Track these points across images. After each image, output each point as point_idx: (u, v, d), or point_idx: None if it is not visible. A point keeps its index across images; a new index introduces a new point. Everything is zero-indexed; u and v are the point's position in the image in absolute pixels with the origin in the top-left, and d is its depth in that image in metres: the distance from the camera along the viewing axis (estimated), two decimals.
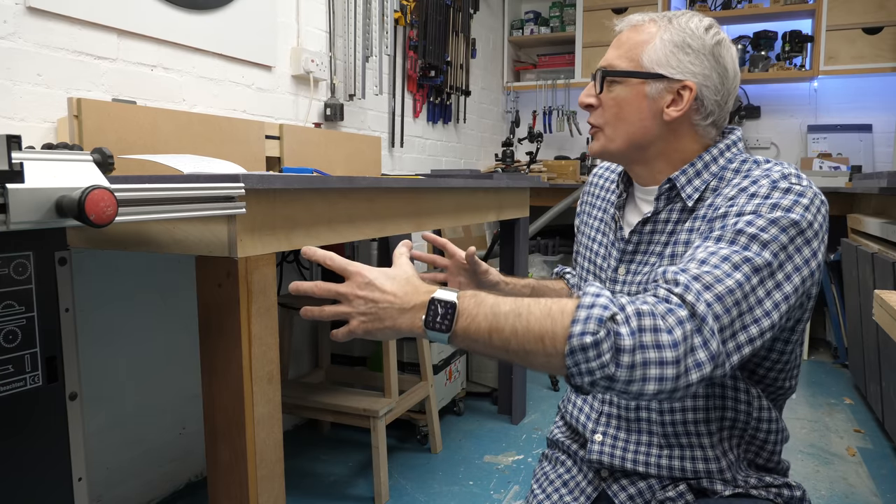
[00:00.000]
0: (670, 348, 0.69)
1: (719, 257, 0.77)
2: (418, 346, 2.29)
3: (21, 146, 0.74)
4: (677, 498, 0.93)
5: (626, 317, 0.70)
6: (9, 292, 0.77)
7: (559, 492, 1.04)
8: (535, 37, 4.59)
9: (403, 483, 2.11)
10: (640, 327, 0.70)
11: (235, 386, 1.11)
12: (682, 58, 0.90)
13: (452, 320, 0.75)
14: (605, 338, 0.69)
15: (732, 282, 0.74)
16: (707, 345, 0.71)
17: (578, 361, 0.70)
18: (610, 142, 0.96)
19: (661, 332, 0.69)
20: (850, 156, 3.90)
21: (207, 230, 1.08)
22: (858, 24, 3.71)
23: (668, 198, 0.95)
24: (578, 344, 0.69)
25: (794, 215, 0.80)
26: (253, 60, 2.25)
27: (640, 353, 0.69)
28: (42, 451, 0.82)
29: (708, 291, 0.73)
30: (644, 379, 0.69)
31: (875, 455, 2.36)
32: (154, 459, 1.98)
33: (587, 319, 0.69)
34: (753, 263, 0.76)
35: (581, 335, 0.69)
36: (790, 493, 0.95)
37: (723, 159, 0.94)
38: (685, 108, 0.91)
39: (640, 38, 0.93)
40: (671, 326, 0.70)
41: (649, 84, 0.92)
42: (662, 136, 0.94)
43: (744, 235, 0.78)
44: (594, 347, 0.69)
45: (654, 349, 0.69)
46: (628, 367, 0.69)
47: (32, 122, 1.59)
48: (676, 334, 0.69)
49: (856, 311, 2.91)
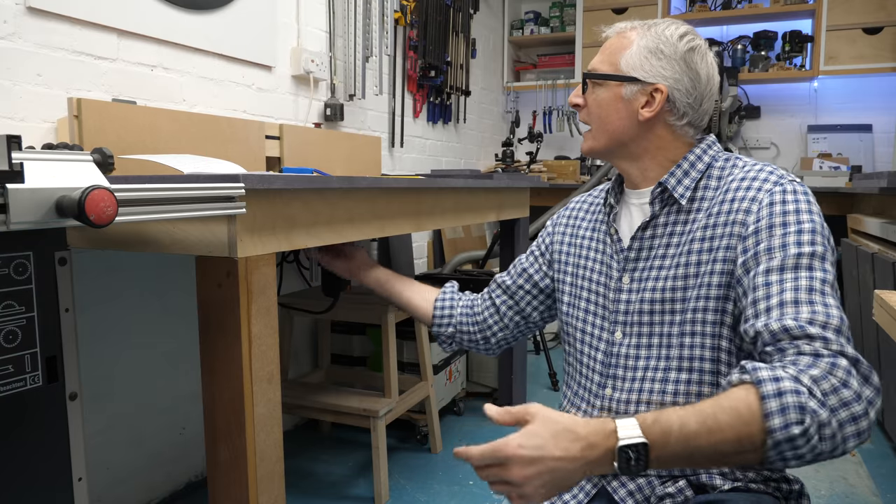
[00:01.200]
0: (856, 402, 0.73)
1: (805, 290, 0.82)
2: (418, 347, 2.29)
3: (21, 146, 0.74)
4: (677, 493, 0.93)
5: (810, 390, 0.73)
6: (9, 292, 0.77)
7: None
8: (535, 37, 4.59)
9: (403, 483, 2.11)
10: (824, 392, 0.73)
11: (235, 386, 1.11)
12: (655, 63, 0.97)
13: (647, 461, 0.72)
14: (812, 423, 0.71)
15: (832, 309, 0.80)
16: (868, 379, 0.76)
17: (783, 451, 0.72)
18: (595, 140, 1.04)
19: (840, 390, 0.73)
20: (850, 156, 3.90)
21: (207, 230, 1.08)
22: (858, 24, 3.71)
23: (661, 200, 1.00)
24: (784, 437, 0.71)
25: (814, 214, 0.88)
26: (253, 60, 2.25)
27: (835, 419, 0.72)
28: (42, 451, 0.82)
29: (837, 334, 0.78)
30: (844, 440, 0.72)
31: (875, 455, 2.36)
32: (154, 459, 1.98)
33: (784, 410, 0.71)
34: (828, 280, 0.84)
35: (785, 428, 0.71)
36: (788, 486, 0.96)
37: (707, 157, 1.00)
38: (657, 109, 0.98)
39: (621, 44, 1.01)
40: (845, 379, 0.74)
41: (625, 86, 0.99)
42: (641, 134, 1.01)
43: (804, 257, 0.85)
44: (803, 437, 0.71)
45: (843, 408, 0.72)
46: (831, 438, 0.72)
47: (32, 122, 1.59)
48: (854, 385, 0.74)
49: (856, 311, 2.91)
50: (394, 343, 2.08)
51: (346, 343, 2.57)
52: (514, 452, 0.73)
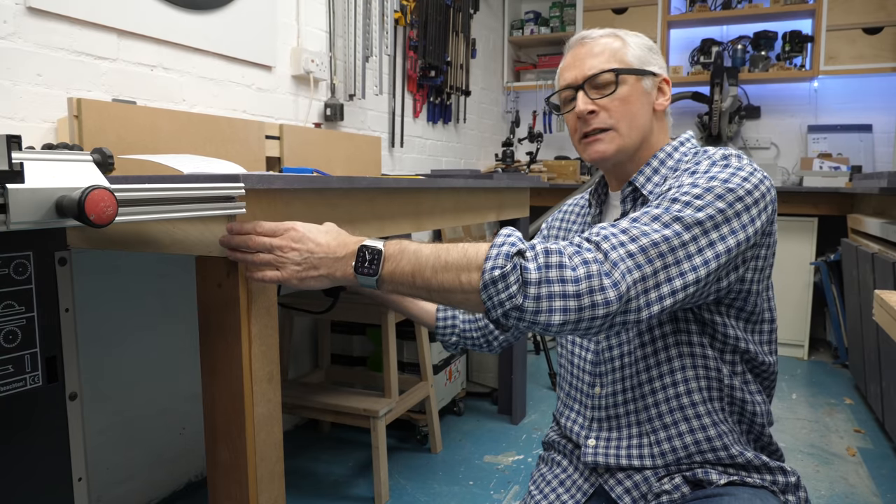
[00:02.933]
0: (572, 283, 0.75)
1: (650, 216, 0.82)
2: (418, 347, 2.29)
3: (21, 146, 0.74)
4: (673, 490, 0.93)
5: (535, 254, 0.77)
6: (9, 292, 0.77)
7: (556, 491, 1.05)
8: (535, 37, 4.59)
9: (403, 483, 2.11)
10: (546, 263, 0.76)
11: (235, 386, 1.11)
12: (655, 57, 1.02)
13: (379, 265, 0.83)
14: (512, 271, 0.75)
15: (658, 236, 0.80)
16: (616, 286, 0.75)
17: (491, 295, 0.76)
18: (626, 138, 1.00)
19: (565, 269, 0.75)
20: (850, 156, 3.90)
21: (207, 230, 1.08)
22: (858, 24, 3.71)
23: (633, 199, 1.01)
24: (489, 278, 0.76)
25: (729, 184, 0.85)
26: (253, 60, 2.25)
27: (546, 287, 0.75)
28: (42, 451, 0.82)
29: (633, 243, 0.79)
30: (550, 310, 0.75)
31: (875, 455, 2.36)
32: (154, 459, 1.98)
33: (497, 256, 0.76)
34: (684, 221, 0.81)
35: (491, 269, 0.76)
36: (785, 479, 0.96)
37: (678, 154, 1.01)
38: (670, 98, 1.03)
39: (612, 46, 1.01)
40: (576, 265, 0.76)
41: (644, 80, 1.00)
42: (653, 128, 1.03)
43: (678, 202, 0.84)
44: (502, 280, 0.75)
45: (558, 283, 0.75)
46: (534, 299, 0.75)
47: (32, 122, 1.59)
48: (580, 272, 0.75)
49: (856, 311, 2.91)
50: (394, 343, 2.08)
51: (346, 343, 2.57)
52: (292, 225, 0.90)
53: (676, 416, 0.95)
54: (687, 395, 0.94)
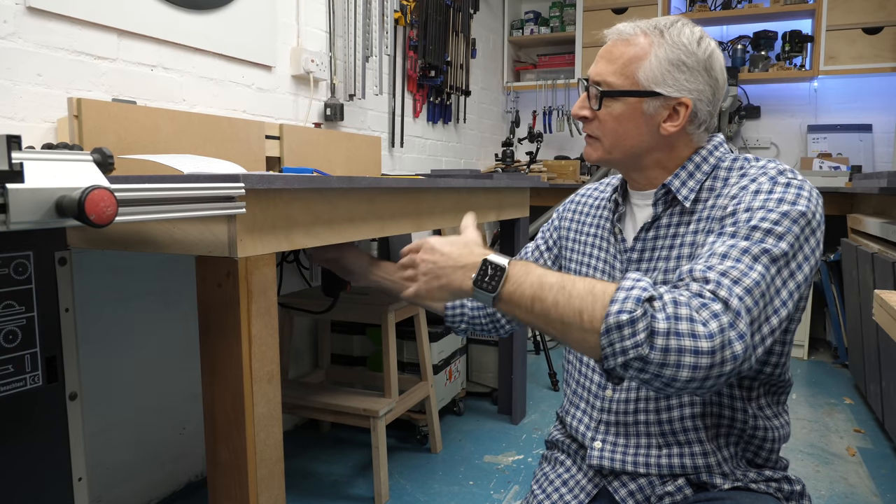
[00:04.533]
0: (706, 339, 0.70)
1: (739, 250, 0.79)
2: (418, 347, 2.29)
3: (21, 146, 0.74)
4: (676, 492, 0.93)
5: (663, 303, 0.72)
6: (9, 292, 0.77)
7: (559, 491, 1.04)
8: (535, 37, 4.59)
9: (403, 483, 2.11)
10: (676, 315, 0.71)
11: (235, 386, 1.11)
12: (678, 76, 0.91)
13: (500, 282, 0.80)
14: (642, 317, 0.71)
15: (756, 274, 0.77)
16: (743, 338, 0.73)
17: (613, 340, 0.71)
18: (608, 153, 0.98)
19: (696, 324, 0.71)
20: (850, 156, 3.90)
21: (207, 230, 1.08)
22: (858, 24, 3.71)
23: (665, 202, 0.97)
24: (615, 322, 0.71)
25: (800, 207, 0.83)
26: (253, 60, 2.25)
27: (675, 340, 0.70)
28: (42, 451, 0.82)
29: (737, 286, 0.75)
30: (678, 365, 0.70)
31: (875, 455, 2.36)
32: (154, 459, 1.98)
33: (626, 299, 0.72)
34: (771, 254, 0.79)
35: (618, 313, 0.71)
36: (790, 487, 0.96)
37: (713, 158, 0.96)
38: (682, 123, 0.92)
39: (633, 53, 0.92)
40: (706, 319, 0.72)
41: (646, 102, 0.92)
42: (659, 146, 0.96)
43: (759, 231, 0.81)
44: (630, 325, 0.70)
45: (689, 338, 0.70)
46: (662, 351, 0.70)
47: (32, 122, 1.59)
48: (712, 327, 0.71)
49: (856, 311, 2.91)
50: (394, 343, 2.08)
51: (346, 343, 2.57)
52: (425, 241, 0.91)
53: (691, 437, 0.94)
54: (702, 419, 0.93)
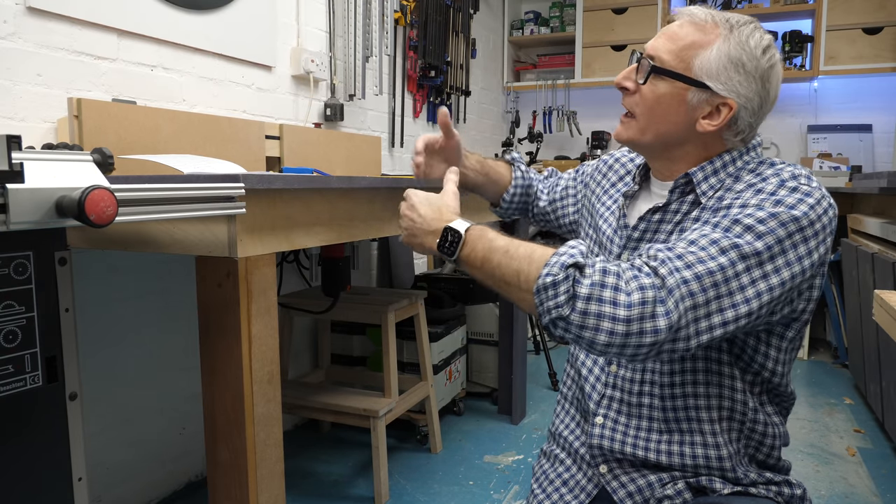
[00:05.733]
0: (624, 308, 0.73)
1: (709, 240, 0.80)
2: (418, 347, 2.29)
3: (21, 146, 0.74)
4: (675, 496, 0.93)
5: (592, 271, 0.76)
6: (9, 292, 0.77)
7: (559, 491, 1.04)
8: (535, 37, 4.59)
9: (403, 483, 2.11)
10: (602, 283, 0.75)
11: (235, 386, 1.11)
12: (734, 75, 0.88)
13: (458, 247, 0.87)
14: (563, 281, 0.75)
15: (715, 264, 0.77)
16: (668, 315, 0.74)
17: (542, 300, 0.76)
18: (641, 134, 0.95)
19: (619, 292, 0.74)
20: (850, 156, 3.90)
21: (207, 230, 1.08)
22: (858, 24, 3.71)
23: (682, 191, 0.95)
24: (542, 283, 0.76)
25: (795, 212, 0.81)
26: (253, 60, 2.25)
27: (596, 305, 0.74)
28: (42, 451, 0.82)
29: (688, 269, 0.77)
30: (596, 329, 0.74)
31: (875, 455, 2.36)
32: (154, 460, 1.98)
33: (554, 263, 0.77)
34: (741, 251, 0.78)
35: (545, 276, 0.76)
36: (791, 491, 0.95)
37: (741, 161, 0.93)
38: (720, 124, 0.90)
39: (696, 39, 0.89)
40: (630, 290, 0.74)
41: (692, 91, 0.90)
42: (691, 141, 0.93)
43: (739, 225, 0.81)
44: (552, 287, 0.75)
45: (609, 304, 0.74)
46: (581, 314, 0.74)
47: (32, 122, 1.59)
48: (634, 298, 0.74)
49: (856, 311, 2.91)
50: (394, 343, 2.08)
51: (346, 343, 2.57)
52: (409, 193, 0.97)
53: (693, 426, 0.93)
54: (707, 411, 0.93)
